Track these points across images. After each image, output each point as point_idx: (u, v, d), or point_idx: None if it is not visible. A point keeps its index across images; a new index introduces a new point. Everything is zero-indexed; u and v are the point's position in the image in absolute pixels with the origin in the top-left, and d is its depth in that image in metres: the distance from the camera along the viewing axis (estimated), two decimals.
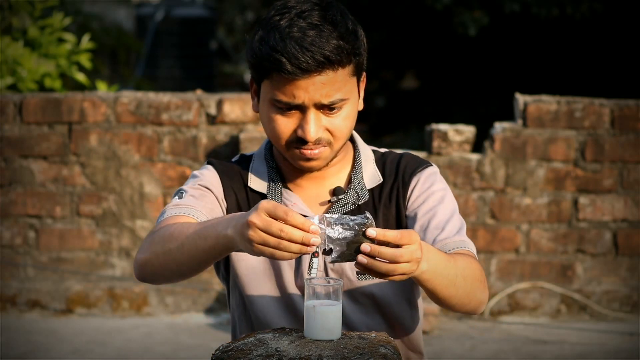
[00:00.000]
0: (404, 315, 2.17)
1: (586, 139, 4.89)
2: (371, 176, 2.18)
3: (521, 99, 4.92)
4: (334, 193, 2.16)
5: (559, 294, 4.96)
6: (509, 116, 5.41)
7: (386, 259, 1.80)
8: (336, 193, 2.15)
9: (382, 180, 2.18)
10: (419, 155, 2.26)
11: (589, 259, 4.96)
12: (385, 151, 2.25)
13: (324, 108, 2.04)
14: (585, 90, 7.28)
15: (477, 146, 5.03)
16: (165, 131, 4.94)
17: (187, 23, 13.07)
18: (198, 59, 12.88)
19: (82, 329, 4.80)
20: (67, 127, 4.93)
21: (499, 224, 4.92)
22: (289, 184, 2.17)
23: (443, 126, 4.89)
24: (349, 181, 2.18)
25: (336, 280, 1.90)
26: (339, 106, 2.05)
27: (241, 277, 2.15)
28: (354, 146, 2.21)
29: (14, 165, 4.92)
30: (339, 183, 2.17)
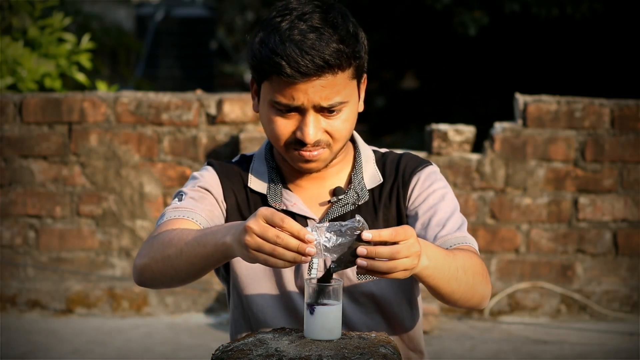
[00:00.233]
0: (403, 314, 2.17)
1: (586, 139, 4.89)
2: (371, 176, 2.18)
3: (521, 99, 4.92)
4: (334, 193, 2.16)
5: (559, 294, 4.96)
6: (509, 116, 5.41)
7: (384, 257, 1.80)
8: (336, 193, 2.15)
9: (382, 181, 2.18)
10: (419, 155, 2.26)
11: (589, 259, 4.96)
12: (386, 151, 2.24)
13: (324, 111, 2.04)
14: (585, 90, 7.28)
15: (477, 146, 5.03)
16: (165, 131, 4.94)
17: (187, 23, 13.07)
18: (198, 59, 12.88)
19: (82, 329, 4.80)
20: (67, 127, 4.93)
21: (499, 224, 4.92)
22: (289, 185, 2.17)
23: (443, 126, 4.89)
24: (349, 181, 2.17)
25: (336, 280, 1.90)
26: (338, 109, 2.05)
27: (241, 278, 2.16)
28: (355, 146, 2.21)
29: (14, 165, 4.93)
30: (339, 183, 2.17)
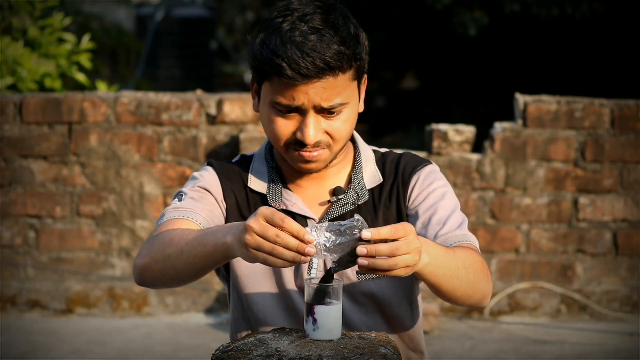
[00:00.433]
0: (404, 314, 2.17)
1: (586, 139, 4.89)
2: (371, 176, 2.18)
3: (521, 99, 4.92)
4: (334, 193, 2.16)
5: (559, 294, 4.96)
6: (509, 116, 5.41)
7: (384, 254, 1.80)
8: (336, 193, 2.15)
9: (382, 180, 2.18)
10: (419, 155, 2.26)
11: (589, 259, 4.96)
12: (386, 151, 2.24)
13: (324, 111, 2.04)
14: (585, 90, 7.28)
15: (477, 146, 5.03)
16: (165, 131, 4.94)
17: (187, 23, 13.08)
18: (198, 59, 12.89)
19: (82, 329, 4.80)
20: (67, 127, 4.93)
21: (499, 224, 4.92)
22: (289, 184, 2.17)
23: (443, 126, 4.89)
24: (349, 181, 2.17)
25: (336, 280, 1.89)
26: (338, 110, 2.05)
27: (241, 277, 2.16)
28: (355, 146, 2.21)
29: (14, 165, 4.92)
30: (339, 183, 2.17)
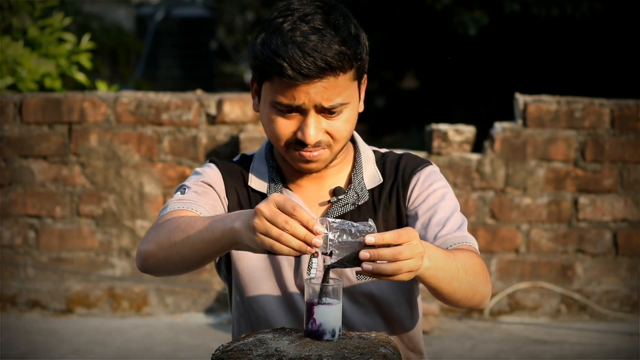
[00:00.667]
0: (403, 315, 2.17)
1: (586, 139, 4.89)
2: (371, 176, 2.18)
3: (521, 99, 4.92)
4: (334, 193, 2.16)
5: (559, 294, 4.96)
6: (509, 116, 5.41)
7: (387, 259, 1.80)
8: (336, 193, 2.15)
9: (382, 181, 2.18)
10: (419, 155, 2.26)
11: (589, 259, 4.96)
12: (386, 151, 2.24)
13: (325, 111, 2.04)
14: (585, 90, 7.27)
15: (477, 146, 5.03)
16: (165, 131, 4.94)
17: (187, 23, 13.08)
18: (198, 59, 12.89)
19: (82, 329, 4.80)
20: (67, 127, 4.93)
21: (499, 224, 4.92)
22: (290, 184, 2.17)
23: (443, 126, 4.89)
24: (349, 181, 2.17)
25: (336, 280, 1.89)
26: (339, 110, 2.05)
27: (242, 276, 2.16)
28: (355, 146, 2.21)
29: (14, 165, 4.92)
30: (339, 183, 2.17)
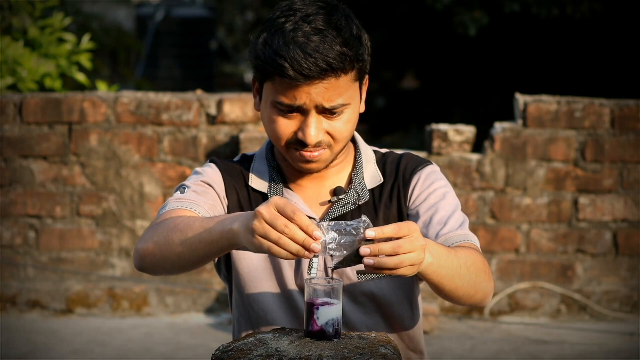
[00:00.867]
0: (404, 314, 2.17)
1: (586, 139, 4.89)
2: (372, 176, 2.18)
3: (521, 99, 4.92)
4: (334, 193, 2.16)
5: (559, 294, 4.96)
6: (509, 116, 5.41)
7: (387, 253, 1.80)
8: (337, 193, 2.15)
9: (382, 181, 2.18)
10: (419, 155, 2.26)
11: (589, 259, 4.96)
12: (386, 151, 2.25)
13: (325, 112, 2.04)
14: (585, 90, 7.28)
15: (477, 146, 5.03)
16: (165, 131, 4.94)
17: (187, 23, 13.08)
18: (198, 59, 12.89)
19: (82, 329, 4.80)
20: (67, 127, 4.93)
21: (499, 224, 4.92)
22: (290, 184, 2.17)
23: (443, 126, 4.89)
24: (350, 181, 2.18)
25: (336, 280, 1.89)
26: (340, 110, 2.05)
27: (242, 276, 2.16)
28: (355, 146, 2.21)
29: (14, 165, 4.92)
30: (340, 183, 2.17)
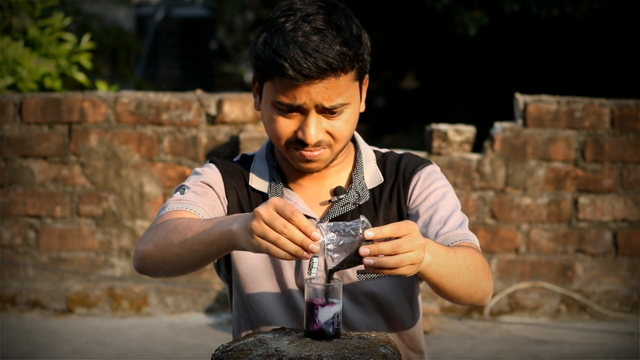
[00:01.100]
0: (404, 314, 2.17)
1: (586, 139, 4.89)
2: (372, 176, 2.18)
3: (521, 99, 4.92)
4: (334, 193, 2.16)
5: (559, 294, 4.96)
6: (509, 116, 5.41)
7: (387, 253, 1.80)
8: (337, 193, 2.15)
9: (382, 180, 2.18)
10: (419, 155, 2.26)
11: (589, 259, 4.96)
12: (386, 151, 2.25)
13: (325, 112, 2.04)
14: (585, 90, 7.28)
15: (477, 146, 5.03)
16: (165, 131, 4.94)
17: (187, 23, 13.08)
18: (198, 59, 12.89)
19: (82, 329, 4.80)
20: (67, 127, 4.93)
21: (499, 224, 4.92)
22: (290, 184, 2.17)
23: (443, 126, 4.89)
24: (350, 181, 2.18)
25: (336, 280, 1.89)
26: (340, 110, 2.05)
27: (242, 276, 2.16)
28: (355, 146, 2.22)
29: (14, 165, 4.92)
30: (340, 183, 2.18)
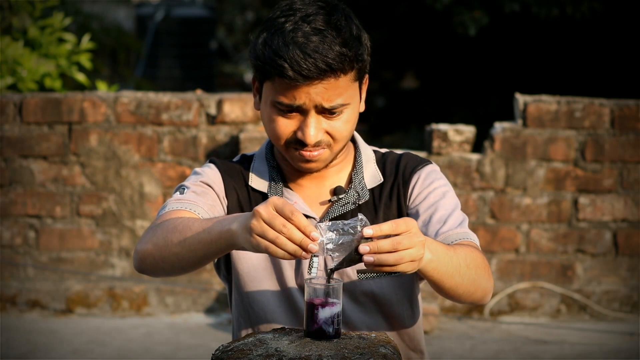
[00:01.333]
0: (404, 313, 2.17)
1: (586, 139, 4.89)
2: (372, 176, 2.19)
3: (521, 99, 4.92)
4: (334, 192, 2.16)
5: (559, 294, 4.96)
6: (509, 116, 5.41)
7: (387, 250, 1.80)
8: (337, 192, 2.16)
9: (382, 180, 2.18)
10: (419, 155, 2.26)
11: (589, 259, 4.96)
12: (386, 151, 2.25)
13: (325, 112, 2.04)
14: (585, 90, 7.28)
15: (477, 146, 5.03)
16: (165, 131, 4.94)
17: (187, 23, 13.08)
18: (198, 59, 12.89)
19: (82, 329, 4.80)
20: (67, 127, 4.93)
21: (499, 224, 4.92)
22: (290, 184, 2.18)
23: (443, 126, 4.89)
24: (350, 181, 2.18)
25: (336, 280, 1.89)
26: (339, 110, 2.05)
27: (242, 276, 2.16)
28: (355, 146, 2.22)
29: (14, 165, 4.92)
30: (340, 183, 2.18)
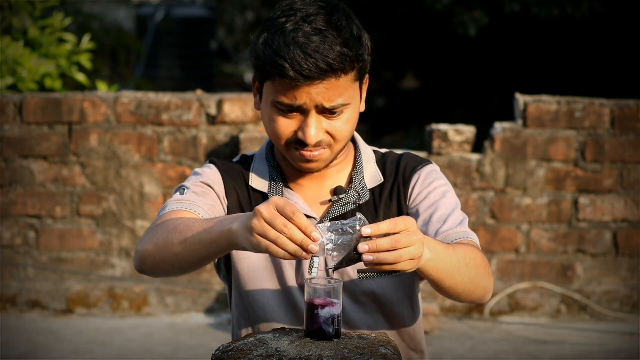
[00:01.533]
0: (404, 313, 2.17)
1: (586, 139, 4.89)
2: (372, 176, 2.19)
3: (521, 99, 4.92)
4: (334, 192, 2.16)
5: (559, 294, 4.96)
6: (509, 116, 5.41)
7: (386, 248, 1.80)
8: (337, 192, 2.16)
9: (382, 180, 2.19)
10: (419, 155, 2.26)
11: (589, 259, 4.96)
12: (386, 151, 2.25)
13: (325, 112, 2.04)
14: (585, 90, 7.28)
15: (477, 146, 5.03)
16: (165, 131, 4.94)
17: (187, 23, 13.09)
18: (198, 59, 12.90)
19: (82, 329, 4.80)
20: (67, 127, 4.93)
21: (499, 224, 4.92)
22: (290, 184, 2.18)
23: (443, 126, 4.89)
24: (350, 181, 2.18)
25: (336, 279, 1.89)
26: (340, 110, 2.05)
27: (242, 276, 2.16)
28: (355, 146, 2.22)
29: (14, 165, 4.92)
30: (340, 183, 2.18)
